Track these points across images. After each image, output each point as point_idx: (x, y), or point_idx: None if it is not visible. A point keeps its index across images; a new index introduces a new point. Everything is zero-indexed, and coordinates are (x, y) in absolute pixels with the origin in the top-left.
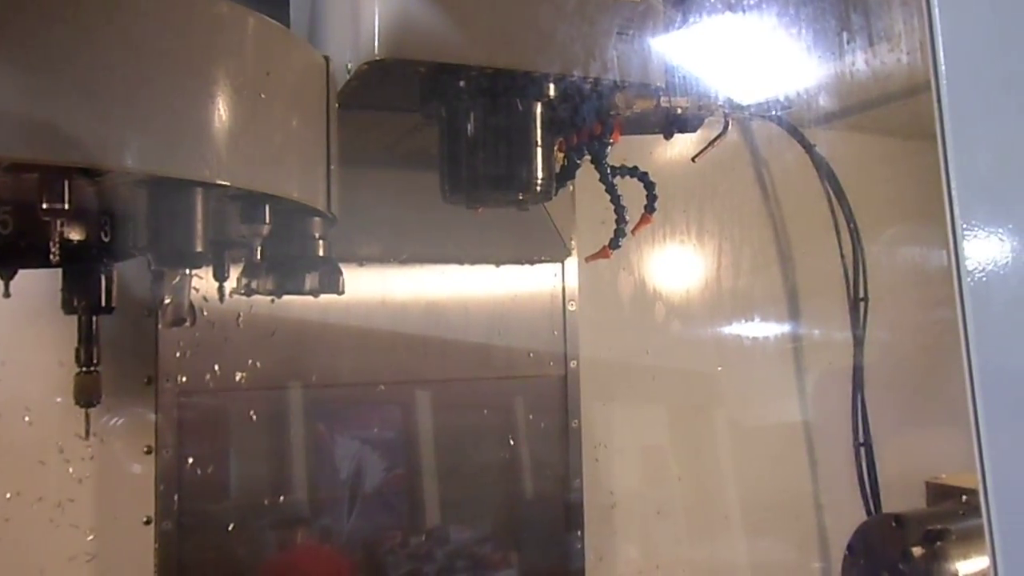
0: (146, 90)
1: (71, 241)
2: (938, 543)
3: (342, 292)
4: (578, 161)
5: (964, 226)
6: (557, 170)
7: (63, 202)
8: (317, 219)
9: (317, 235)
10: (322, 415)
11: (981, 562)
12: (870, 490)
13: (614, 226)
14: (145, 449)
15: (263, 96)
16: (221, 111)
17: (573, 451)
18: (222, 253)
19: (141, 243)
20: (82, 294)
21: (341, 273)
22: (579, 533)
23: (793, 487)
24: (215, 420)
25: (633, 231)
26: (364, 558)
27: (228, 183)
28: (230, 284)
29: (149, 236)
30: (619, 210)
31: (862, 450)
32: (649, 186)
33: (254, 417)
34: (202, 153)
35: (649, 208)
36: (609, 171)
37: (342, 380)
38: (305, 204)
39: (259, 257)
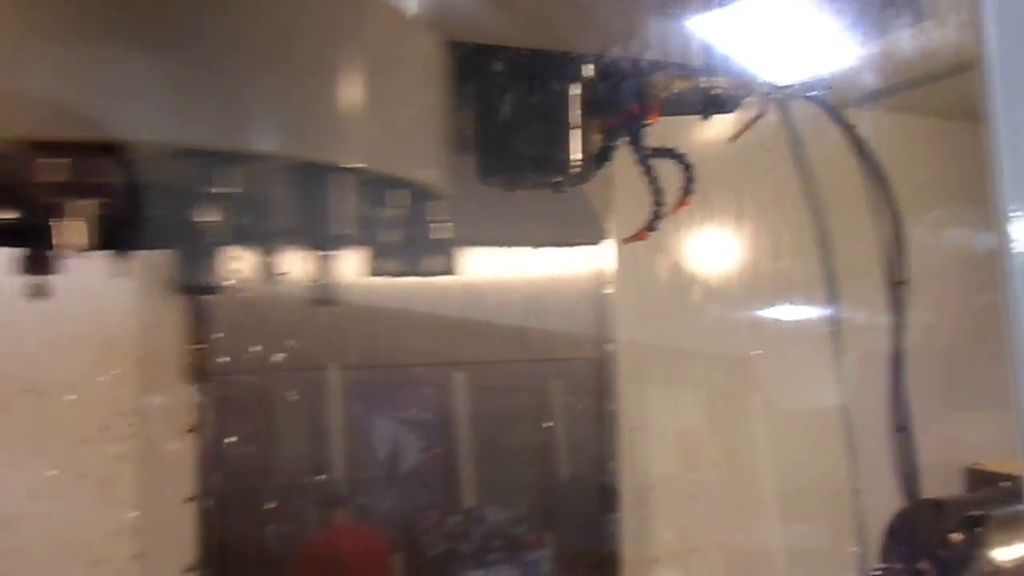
0: (293, 78)
1: (207, 222)
2: (978, 529)
3: (457, 274)
4: (616, 143)
5: (1011, 207)
6: (595, 152)
7: (231, 186)
8: (437, 201)
9: (436, 217)
10: (360, 396)
11: (1022, 549)
12: (909, 475)
13: (651, 208)
14: (187, 428)
15: (394, 79)
16: (357, 95)
17: (609, 434)
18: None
19: (285, 226)
20: (195, 275)
21: (456, 256)
22: (615, 515)
23: (830, 471)
24: (255, 400)
25: (671, 212)
26: (401, 537)
27: (372, 167)
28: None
29: (295, 219)
30: (657, 192)
31: (901, 435)
32: (687, 167)
33: (293, 397)
34: (343, 137)
35: (687, 189)
36: (647, 152)
37: (380, 361)
38: (430, 186)
39: (376, 240)
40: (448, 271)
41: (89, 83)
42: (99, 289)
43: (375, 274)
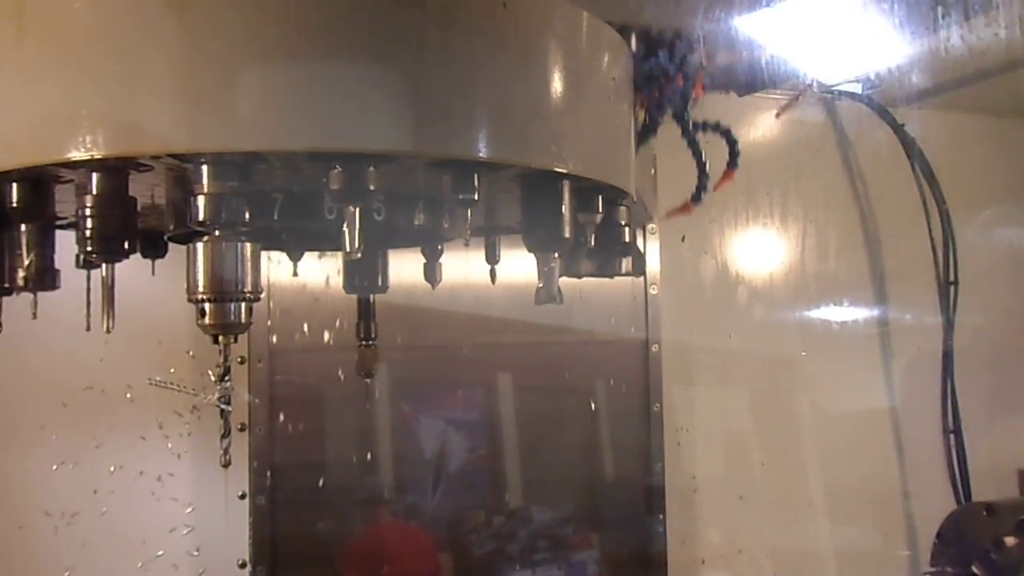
0: (511, 87)
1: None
2: None
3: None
4: (659, 118)
5: None
6: (639, 127)
7: (473, 193)
8: (627, 205)
9: (626, 221)
10: (409, 398)
11: None
12: (960, 478)
13: (697, 182)
14: (239, 426)
15: (596, 86)
16: (566, 101)
17: (655, 435)
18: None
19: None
20: (365, 274)
21: (642, 256)
22: (661, 516)
23: (879, 473)
24: (305, 400)
25: (716, 187)
26: (448, 535)
27: (584, 173)
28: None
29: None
30: (700, 164)
31: (952, 437)
32: (732, 142)
33: (343, 399)
34: (555, 142)
35: (732, 164)
36: (691, 126)
37: (425, 364)
38: (623, 190)
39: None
40: (637, 272)
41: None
42: (156, 288)
43: (566, 275)
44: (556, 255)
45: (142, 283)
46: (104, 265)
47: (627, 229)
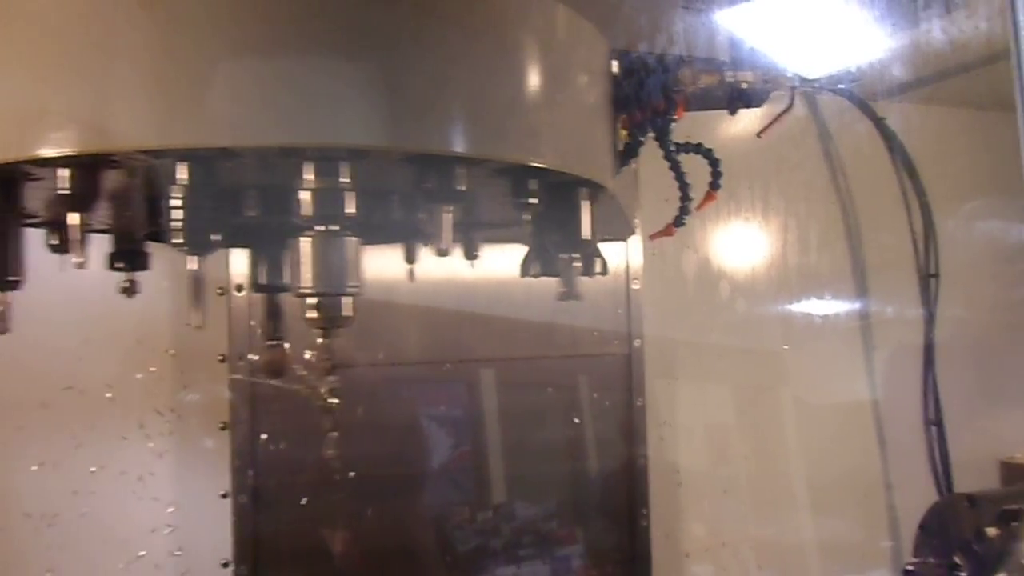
0: (487, 80)
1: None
2: (1014, 523)
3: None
4: (641, 139)
5: None
6: (620, 148)
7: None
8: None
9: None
10: (390, 393)
11: None
12: (942, 469)
13: (678, 204)
14: (220, 425)
15: (574, 80)
16: (543, 95)
17: (638, 429)
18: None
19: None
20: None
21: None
22: (644, 511)
23: (862, 466)
24: (286, 398)
25: (698, 208)
26: (433, 533)
27: (560, 167)
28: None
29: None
30: (683, 187)
31: (933, 429)
32: (714, 163)
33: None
34: (535, 137)
35: (714, 185)
36: (673, 148)
37: (409, 359)
38: (604, 185)
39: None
40: (604, 271)
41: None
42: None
43: (528, 274)
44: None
45: (117, 280)
46: (193, 258)
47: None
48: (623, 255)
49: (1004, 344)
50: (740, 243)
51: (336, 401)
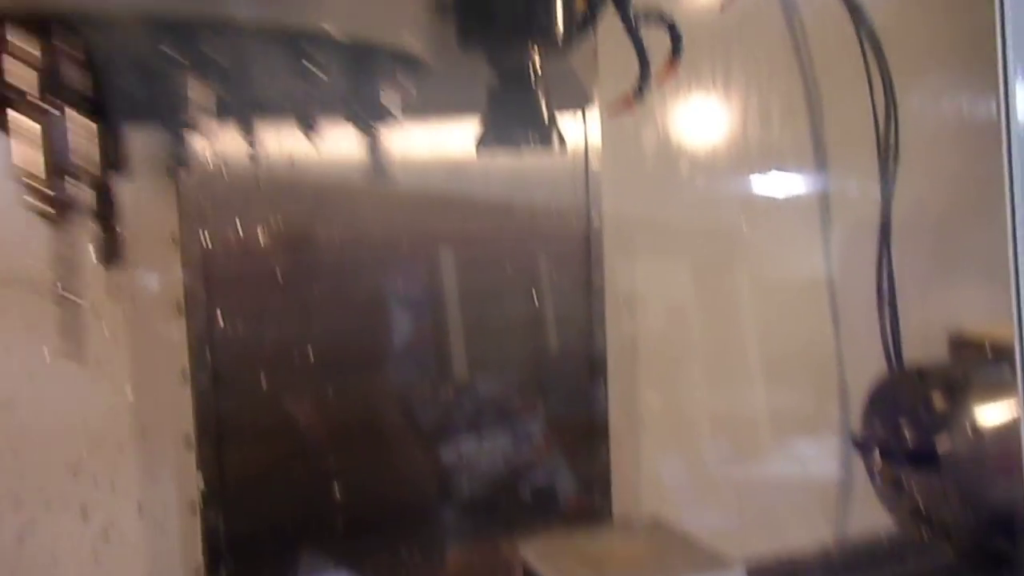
0: None
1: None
2: (958, 393)
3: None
4: (599, 7)
5: (1018, 71)
6: (578, 18)
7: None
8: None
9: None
10: (347, 273)
11: (1001, 412)
12: (893, 344)
13: (638, 76)
14: (175, 307)
15: None
16: None
17: (596, 305)
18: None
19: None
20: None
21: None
22: (602, 383)
23: (815, 341)
24: (241, 278)
25: (659, 79)
26: (394, 410)
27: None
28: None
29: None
30: (643, 58)
31: (886, 305)
32: (675, 35)
33: (279, 274)
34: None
35: (675, 52)
36: (632, 16)
37: (367, 238)
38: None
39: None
40: (562, 143)
41: None
42: None
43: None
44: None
45: None
46: None
47: (539, 97)
48: (582, 134)
49: (962, 221)
50: (701, 118)
51: None
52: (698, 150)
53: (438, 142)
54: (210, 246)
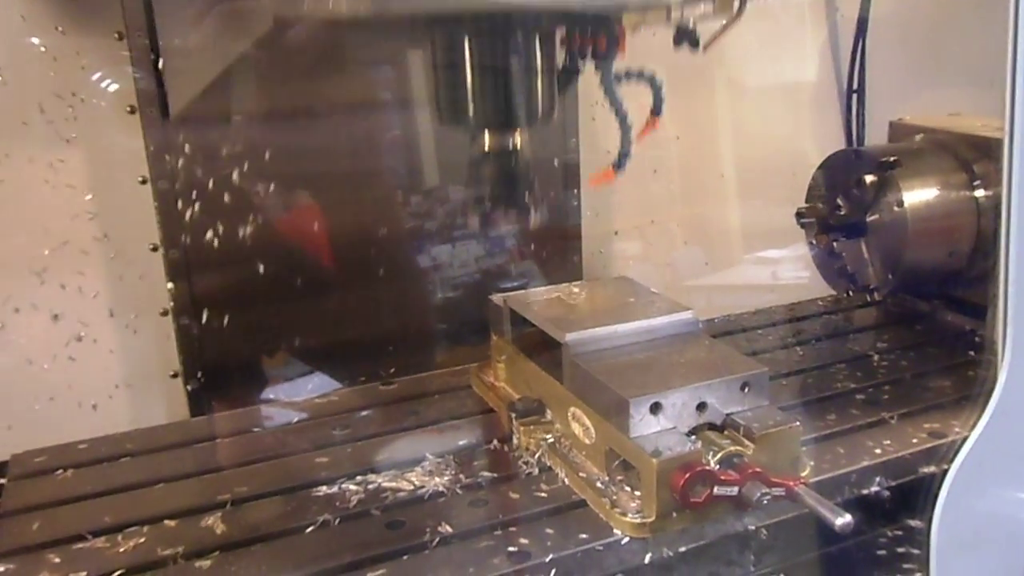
0: None
1: None
2: (889, 172)
3: None
4: (582, 63)
5: None
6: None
7: None
8: None
9: None
10: (319, 76)
11: (923, 192)
12: (856, 134)
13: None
14: (128, 109)
15: None
16: None
17: (569, 111)
18: None
19: None
20: None
21: None
22: (576, 191)
23: (791, 147)
24: (201, 78)
25: (639, 136)
26: (367, 217)
27: None
28: None
29: None
30: (625, 128)
31: (854, 96)
32: (656, 89)
33: (251, 79)
34: None
35: (656, 110)
36: (612, 79)
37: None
38: None
39: None
40: None
41: None
42: None
43: None
44: None
45: None
46: None
47: None
48: None
49: (938, 18)
50: None
51: None
52: None
53: None
54: (161, 44)
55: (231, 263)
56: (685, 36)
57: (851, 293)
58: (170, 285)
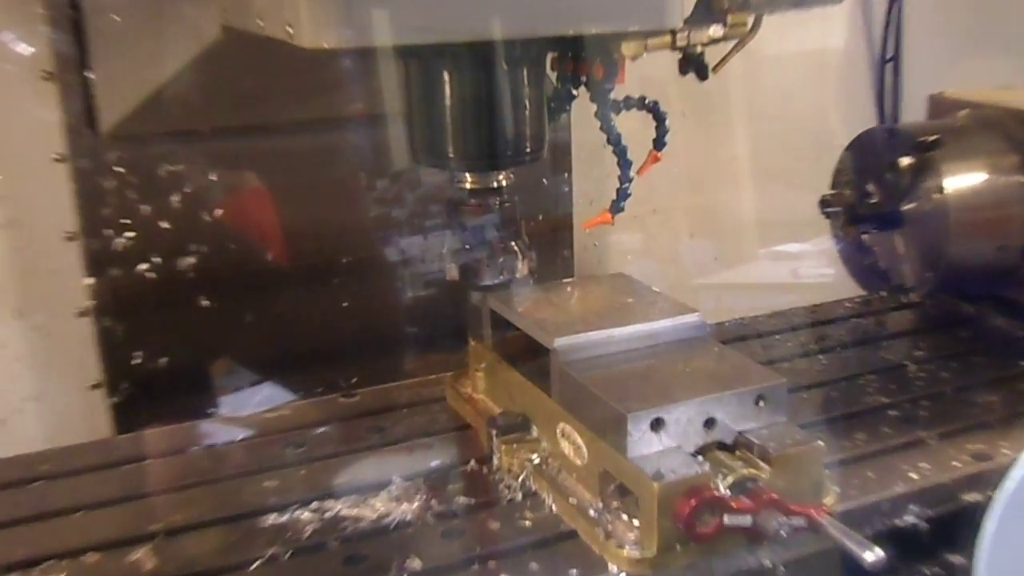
0: None
1: None
2: (927, 154)
3: None
4: (574, 91)
5: None
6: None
7: None
8: None
9: None
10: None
11: (968, 176)
12: (891, 111)
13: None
14: (43, 74)
15: None
16: None
17: None
18: None
19: None
20: None
21: None
22: (566, 176)
23: (814, 125)
24: (130, 28)
25: (640, 172)
26: (331, 203)
27: None
28: None
29: None
30: (624, 164)
31: (888, 66)
32: (660, 119)
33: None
34: None
35: (658, 144)
36: (611, 110)
37: None
38: None
39: None
40: None
41: None
42: None
43: None
44: None
45: None
46: None
47: None
48: None
49: None
50: None
51: None
52: None
53: None
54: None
55: (164, 254)
56: (692, 64)
57: (883, 293)
58: (89, 280)
